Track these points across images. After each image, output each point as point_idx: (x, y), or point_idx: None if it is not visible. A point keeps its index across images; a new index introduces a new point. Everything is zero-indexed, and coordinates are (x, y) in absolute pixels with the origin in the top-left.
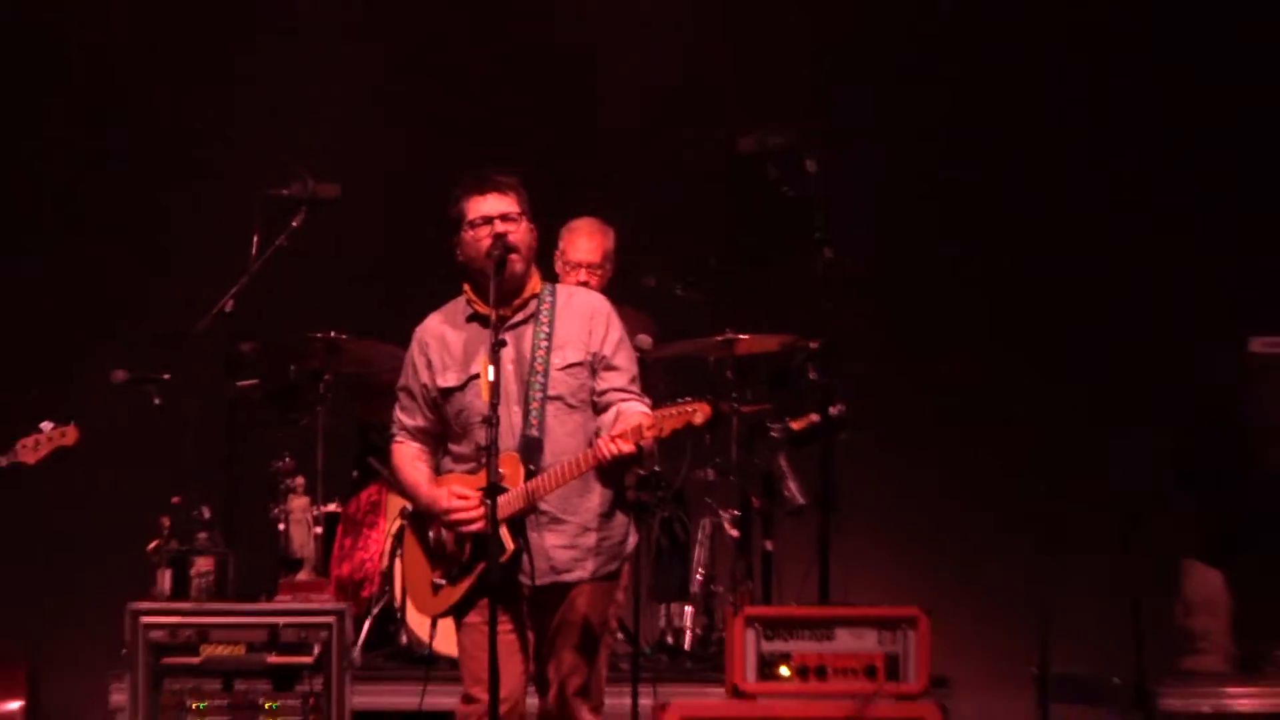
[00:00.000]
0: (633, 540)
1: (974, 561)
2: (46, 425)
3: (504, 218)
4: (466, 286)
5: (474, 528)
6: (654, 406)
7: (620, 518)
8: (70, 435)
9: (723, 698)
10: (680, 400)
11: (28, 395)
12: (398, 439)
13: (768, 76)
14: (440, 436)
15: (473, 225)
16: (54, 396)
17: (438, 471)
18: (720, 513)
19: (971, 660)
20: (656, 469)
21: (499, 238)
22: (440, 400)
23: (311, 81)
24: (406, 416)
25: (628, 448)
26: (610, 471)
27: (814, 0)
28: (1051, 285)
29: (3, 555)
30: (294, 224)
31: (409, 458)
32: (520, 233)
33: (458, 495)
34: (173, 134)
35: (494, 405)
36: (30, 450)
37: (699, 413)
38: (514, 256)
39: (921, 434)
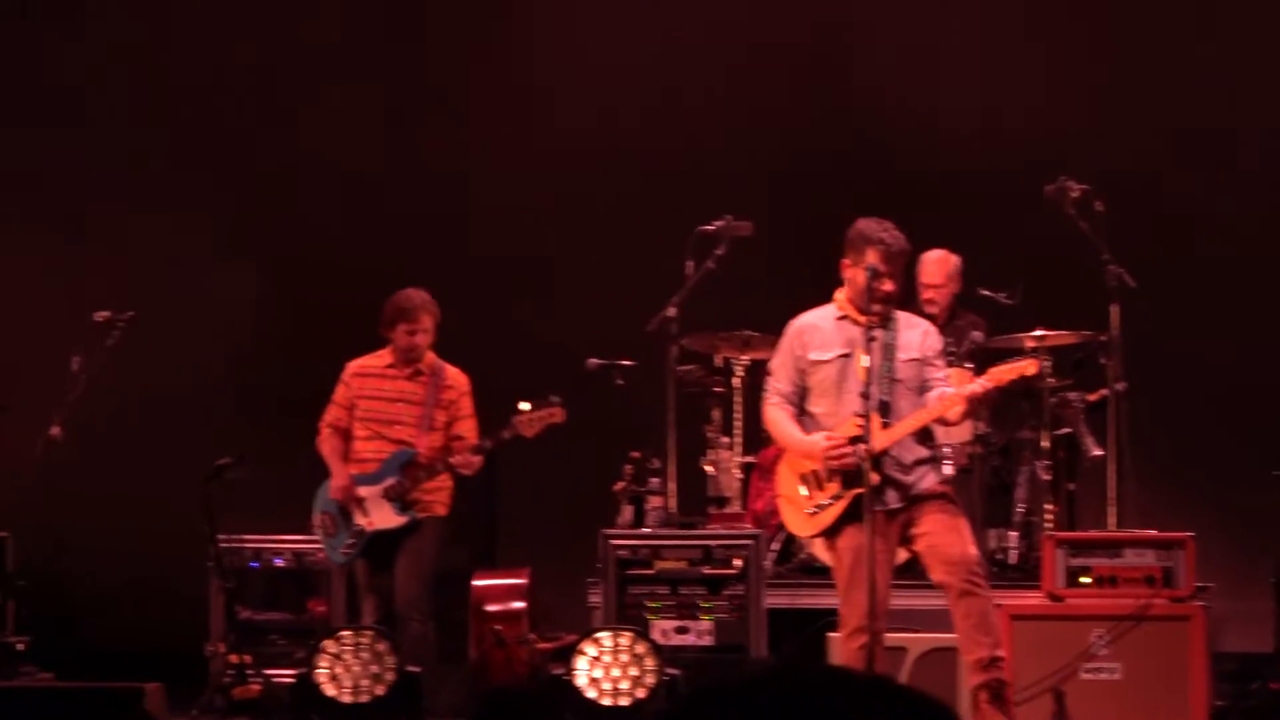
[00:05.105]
0: (930, 480)
1: (1229, 497)
2: (525, 406)
3: (891, 275)
4: (844, 296)
5: (846, 463)
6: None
7: (928, 468)
8: (558, 415)
9: (1040, 600)
10: (1015, 356)
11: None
12: (771, 401)
13: (1065, 132)
14: (799, 399)
15: (872, 269)
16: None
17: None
18: (1035, 462)
19: (1227, 571)
20: (988, 430)
21: (890, 295)
22: (808, 370)
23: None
24: (779, 383)
25: (961, 404)
26: (927, 432)
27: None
28: None
29: (512, 498)
30: (718, 252)
31: (784, 416)
32: (896, 286)
33: (829, 439)
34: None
35: (867, 383)
36: (527, 426)
37: (1030, 366)
38: (891, 305)
39: (1185, 402)
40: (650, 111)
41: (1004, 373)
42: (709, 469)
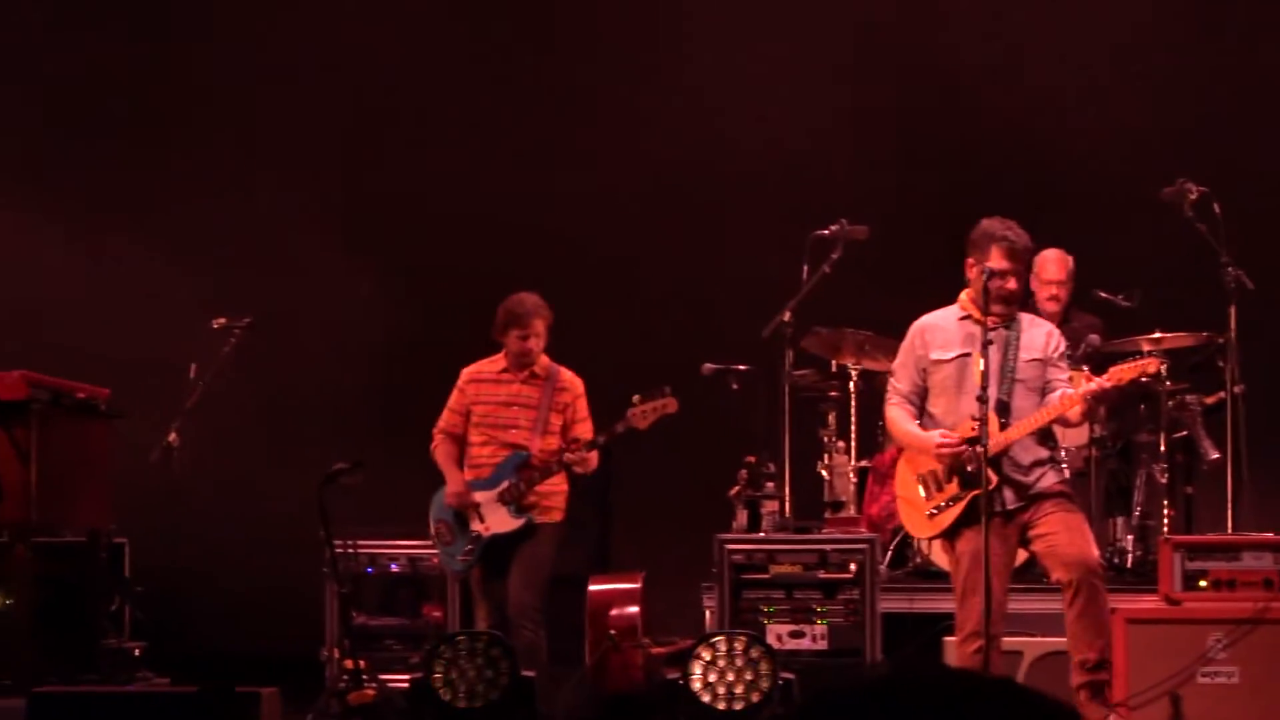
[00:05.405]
0: (1049, 480)
1: None
2: (637, 398)
3: (1014, 273)
4: (967, 296)
5: (958, 455)
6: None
7: (1047, 468)
8: (671, 405)
9: (1157, 603)
10: (1133, 357)
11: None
12: (892, 402)
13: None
14: (920, 399)
15: (988, 271)
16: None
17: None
18: (1152, 465)
19: None
20: (1105, 433)
21: (1013, 294)
22: (929, 369)
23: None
24: (900, 383)
25: (1080, 403)
26: (1048, 433)
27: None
28: None
29: (626, 502)
30: (834, 256)
31: (904, 415)
32: (1019, 285)
33: (944, 437)
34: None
35: (984, 384)
36: (640, 418)
37: (1151, 364)
38: (1014, 305)
39: None
40: (768, 115)
41: (1125, 371)
42: (824, 473)
